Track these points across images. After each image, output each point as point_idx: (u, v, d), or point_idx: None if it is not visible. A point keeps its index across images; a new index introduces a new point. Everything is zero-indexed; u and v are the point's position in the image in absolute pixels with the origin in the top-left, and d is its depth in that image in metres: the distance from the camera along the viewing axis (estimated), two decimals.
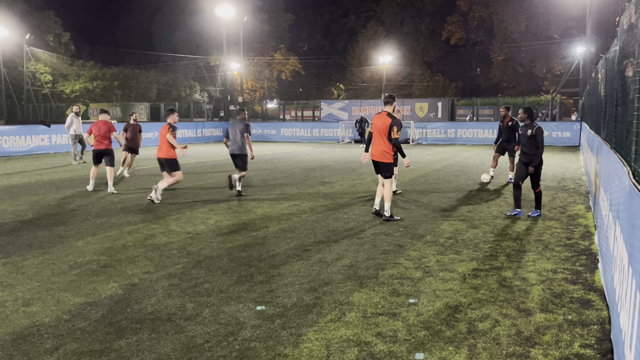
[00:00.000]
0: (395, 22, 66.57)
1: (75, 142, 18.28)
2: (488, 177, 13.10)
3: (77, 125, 18.14)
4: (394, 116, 8.22)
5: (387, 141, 8.16)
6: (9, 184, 12.85)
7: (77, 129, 18.16)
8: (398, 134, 8.10)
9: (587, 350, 3.90)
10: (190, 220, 8.50)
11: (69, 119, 18.18)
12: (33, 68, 42.24)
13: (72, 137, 18.23)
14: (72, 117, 18.20)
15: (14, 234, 7.56)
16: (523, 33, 54.31)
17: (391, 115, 8.22)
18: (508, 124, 12.61)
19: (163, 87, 50.31)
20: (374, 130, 8.28)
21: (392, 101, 8.40)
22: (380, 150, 8.23)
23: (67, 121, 18.19)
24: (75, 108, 18.77)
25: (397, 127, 8.09)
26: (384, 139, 8.17)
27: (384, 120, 8.19)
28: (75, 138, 18.21)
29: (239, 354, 3.83)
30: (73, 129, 18.10)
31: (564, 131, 26.68)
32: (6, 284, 5.38)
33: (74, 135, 18.16)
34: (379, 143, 8.23)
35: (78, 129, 18.17)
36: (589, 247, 6.78)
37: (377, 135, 8.24)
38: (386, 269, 5.85)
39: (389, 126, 8.09)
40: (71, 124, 18.07)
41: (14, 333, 4.19)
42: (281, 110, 41.94)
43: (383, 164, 8.28)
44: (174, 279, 5.53)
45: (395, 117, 8.24)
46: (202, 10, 48.53)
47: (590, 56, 34.06)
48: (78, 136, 18.19)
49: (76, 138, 18.22)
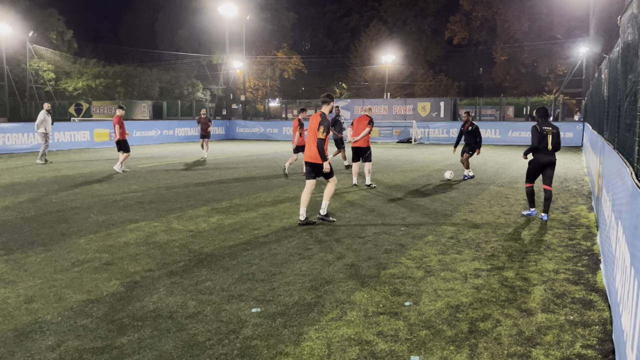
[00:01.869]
0: (398, 22, 66.52)
1: (46, 140, 17.43)
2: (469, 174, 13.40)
3: (48, 123, 17.43)
4: (325, 116, 7.91)
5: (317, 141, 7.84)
6: (12, 181, 12.87)
7: (48, 127, 17.45)
8: (323, 134, 7.76)
9: (588, 350, 3.90)
10: (192, 218, 8.51)
11: (40, 117, 17.36)
12: (36, 65, 42.31)
13: (42, 135, 17.38)
14: (43, 114, 17.42)
15: (16, 231, 7.58)
16: (526, 33, 54.21)
17: (323, 115, 7.92)
18: (469, 129, 12.91)
19: (165, 85, 50.33)
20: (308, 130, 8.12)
21: (329, 101, 8.07)
22: (313, 151, 7.95)
23: (39, 118, 17.36)
24: (46, 105, 17.91)
25: (324, 127, 7.78)
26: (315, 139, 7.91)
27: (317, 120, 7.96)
28: (45, 136, 17.40)
29: (241, 352, 3.84)
30: (44, 127, 17.32)
31: (566, 131, 26.62)
32: (8, 280, 5.40)
33: (43, 133, 17.35)
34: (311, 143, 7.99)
35: (49, 127, 17.50)
36: (591, 248, 6.78)
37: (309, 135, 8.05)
38: (388, 268, 5.85)
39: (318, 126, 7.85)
40: (42, 122, 17.31)
41: (16, 330, 4.20)
42: (283, 109, 41.92)
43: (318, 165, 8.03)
44: (175, 276, 5.54)
45: (325, 118, 7.90)
46: (205, 9, 48.59)
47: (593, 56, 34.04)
48: (47, 134, 17.42)
49: (46, 136, 17.41)
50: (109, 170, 15.27)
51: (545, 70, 56.56)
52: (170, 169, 15.09)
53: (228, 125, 34.96)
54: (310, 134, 8.02)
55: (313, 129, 7.95)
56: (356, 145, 11.67)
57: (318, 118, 7.94)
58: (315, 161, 7.96)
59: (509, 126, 28.51)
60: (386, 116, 32.00)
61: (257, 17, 53.55)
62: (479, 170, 15.21)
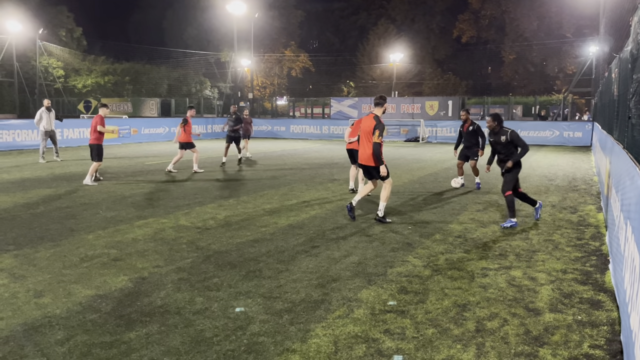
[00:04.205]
0: (406, 20, 66.31)
1: (45, 138, 16.95)
2: (458, 182, 11.83)
3: (46, 121, 16.84)
4: (379, 119, 7.78)
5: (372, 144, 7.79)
6: (22, 177, 12.97)
7: (47, 125, 16.86)
8: (379, 138, 7.64)
9: (596, 350, 3.88)
10: (199, 215, 8.54)
11: (38, 114, 16.90)
12: (46, 63, 42.53)
13: (42, 133, 16.92)
14: (41, 112, 16.90)
15: (26, 227, 7.64)
16: (535, 32, 53.87)
17: (377, 117, 7.80)
18: (469, 129, 11.66)
19: (173, 82, 50.47)
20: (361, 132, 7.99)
21: (382, 103, 8.00)
22: (368, 154, 7.93)
23: (37, 116, 16.92)
24: (46, 102, 17.29)
25: (379, 131, 7.65)
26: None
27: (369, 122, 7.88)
28: (46, 134, 16.93)
29: (247, 348, 3.85)
30: (42, 125, 16.85)
31: (575, 131, 26.47)
32: (18, 275, 5.45)
33: (43, 131, 16.89)
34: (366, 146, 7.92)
35: (48, 125, 16.88)
36: (600, 248, 6.74)
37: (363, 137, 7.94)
38: (395, 266, 5.85)
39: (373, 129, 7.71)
40: (40, 120, 16.83)
41: (26, 324, 4.24)
42: (291, 107, 41.99)
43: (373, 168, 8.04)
44: (183, 273, 5.57)
45: (380, 121, 7.80)
46: (214, 7, 48.66)
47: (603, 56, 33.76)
48: (48, 132, 16.94)
49: (46, 134, 16.94)
50: (117, 167, 15.35)
51: (554, 69, 56.22)
52: (178, 167, 15.14)
53: None
54: (364, 137, 7.93)
55: (367, 132, 7.84)
56: (350, 147, 10.50)
57: (372, 121, 7.80)
58: (368, 164, 7.98)
59: (517, 125, 28.33)
60: (394, 115, 31.93)
61: (265, 14, 53.57)
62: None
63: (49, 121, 16.95)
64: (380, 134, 7.70)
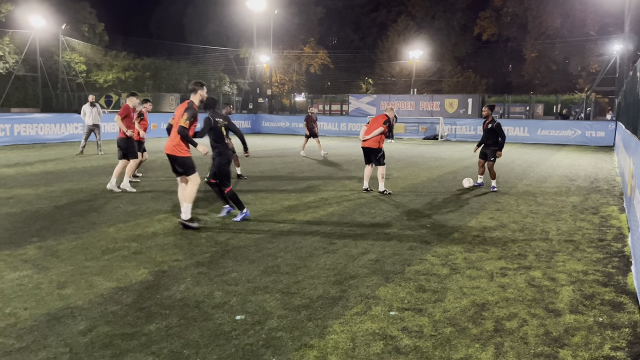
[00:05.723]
0: (426, 17, 65.82)
1: (88, 132, 17.49)
2: (470, 182, 11.52)
3: (89, 116, 17.29)
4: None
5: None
6: (45, 170, 13.20)
7: (89, 120, 17.31)
8: (186, 122, 7.35)
9: (617, 352, 3.83)
10: (218, 210, 8.60)
11: (82, 110, 17.53)
12: (68, 58, 43.11)
13: (86, 127, 17.49)
14: (85, 107, 17.45)
15: (49, 219, 7.78)
16: (558, 29, 53.03)
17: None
18: (488, 126, 11.18)
19: (193, 78, 50.58)
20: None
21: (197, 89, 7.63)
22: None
23: (82, 111, 17.54)
24: (91, 97, 17.81)
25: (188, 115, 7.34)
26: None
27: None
28: (89, 129, 17.43)
29: (266, 343, 3.88)
30: (86, 120, 17.39)
31: (598, 130, 26.03)
32: (42, 266, 5.56)
33: (87, 126, 17.45)
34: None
35: (90, 120, 17.31)
36: (622, 250, 6.63)
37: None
38: (412, 264, 5.84)
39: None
40: (84, 114, 17.39)
41: (49, 314, 4.32)
42: (309, 103, 41.95)
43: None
44: (202, 267, 5.62)
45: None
46: (233, 3, 48.82)
47: (628, 54, 33.16)
48: (91, 127, 17.40)
49: (89, 129, 17.42)
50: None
51: (577, 67, 55.27)
52: (197, 162, 15.24)
53: (254, 119, 35.15)
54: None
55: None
56: (365, 145, 10.36)
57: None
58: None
59: (538, 124, 28.00)
60: (413, 112, 31.76)
61: (284, 11, 53.65)
62: (506, 169, 15.00)
63: (91, 116, 17.35)
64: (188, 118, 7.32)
